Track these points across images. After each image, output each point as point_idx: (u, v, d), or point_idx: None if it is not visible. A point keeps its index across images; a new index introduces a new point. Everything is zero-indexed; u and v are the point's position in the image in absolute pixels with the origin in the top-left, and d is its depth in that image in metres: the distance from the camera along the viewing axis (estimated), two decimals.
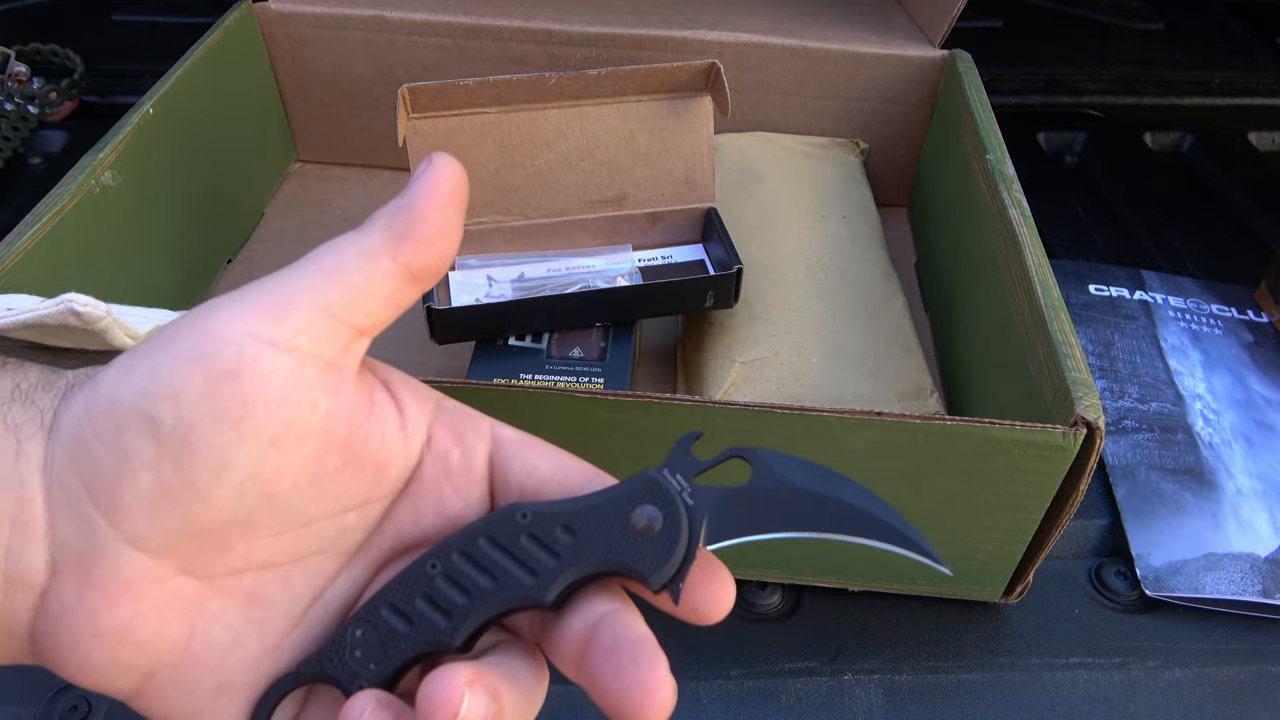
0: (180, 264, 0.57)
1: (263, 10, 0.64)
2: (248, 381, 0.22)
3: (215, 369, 0.22)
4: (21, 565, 0.22)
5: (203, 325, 0.23)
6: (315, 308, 0.24)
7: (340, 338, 0.24)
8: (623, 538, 0.24)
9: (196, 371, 0.22)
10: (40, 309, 0.35)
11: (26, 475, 0.22)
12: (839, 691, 0.41)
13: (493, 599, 0.24)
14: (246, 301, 0.23)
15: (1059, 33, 0.97)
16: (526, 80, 0.50)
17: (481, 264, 0.53)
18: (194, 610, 0.24)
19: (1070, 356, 0.38)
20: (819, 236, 0.57)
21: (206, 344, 0.22)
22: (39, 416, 0.23)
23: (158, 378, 0.22)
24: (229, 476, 0.22)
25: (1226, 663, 0.43)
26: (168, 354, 0.22)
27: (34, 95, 0.74)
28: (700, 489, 0.25)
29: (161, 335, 0.23)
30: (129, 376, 0.23)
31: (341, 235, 0.26)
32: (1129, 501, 0.49)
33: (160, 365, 0.22)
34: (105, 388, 0.23)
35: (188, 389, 0.22)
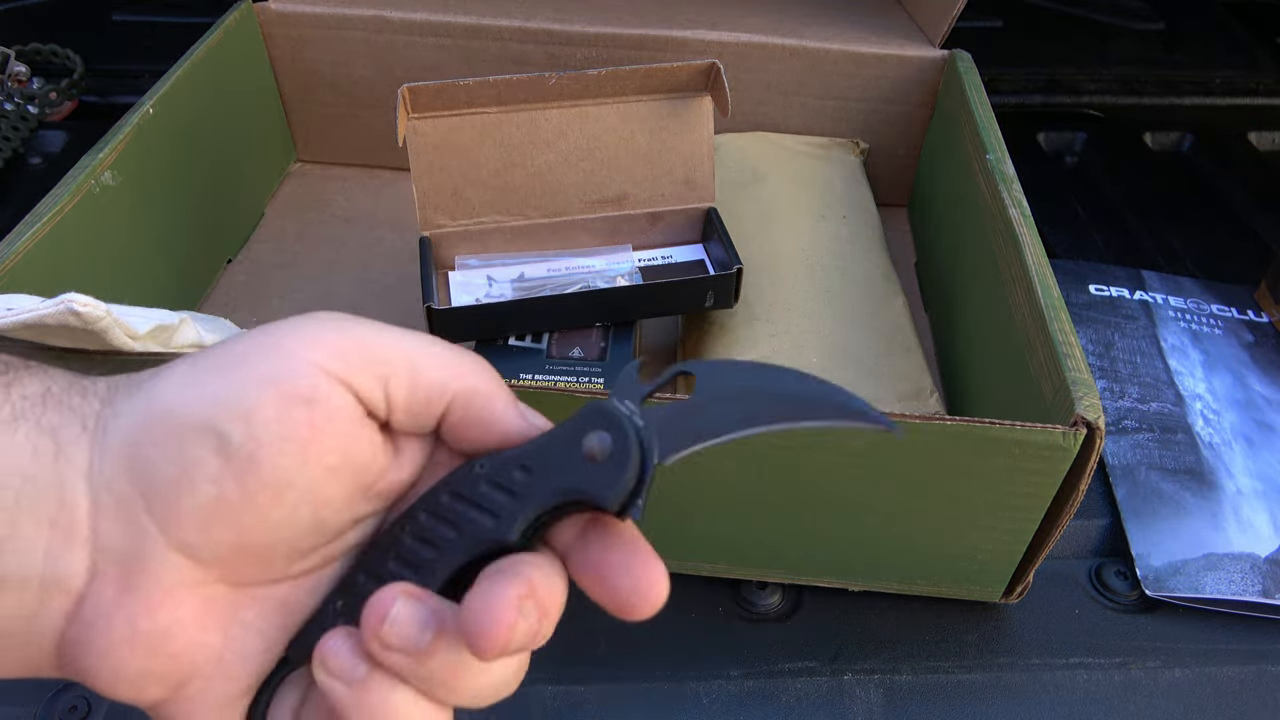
0: (180, 264, 0.57)
1: (263, 10, 0.64)
2: (319, 410, 0.23)
3: (290, 393, 0.23)
4: (60, 569, 0.22)
5: (283, 348, 0.23)
6: (399, 361, 0.24)
7: (409, 392, 0.25)
8: (576, 466, 0.24)
9: (270, 392, 0.22)
10: (40, 309, 0.35)
11: (68, 478, 0.22)
12: (839, 691, 0.41)
13: (459, 547, 0.24)
14: (327, 333, 0.24)
15: (1059, 33, 0.97)
16: (526, 80, 0.50)
17: (481, 264, 0.53)
18: (229, 618, 0.24)
19: (1070, 356, 0.38)
20: (819, 236, 0.57)
21: (285, 367, 0.23)
22: (79, 420, 0.23)
23: (231, 395, 0.22)
24: (288, 497, 0.23)
25: (1226, 663, 0.43)
26: (242, 372, 0.23)
27: (34, 95, 0.74)
28: (649, 410, 0.25)
29: (232, 352, 0.24)
30: (198, 389, 0.23)
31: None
32: (1129, 501, 0.49)
33: (234, 383, 0.23)
34: (168, 398, 0.23)
35: (260, 409, 0.22)
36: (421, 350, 0.25)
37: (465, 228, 0.53)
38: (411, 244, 0.63)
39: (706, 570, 0.44)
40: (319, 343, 0.24)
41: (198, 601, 0.23)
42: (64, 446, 0.23)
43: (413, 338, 0.25)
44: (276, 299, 0.60)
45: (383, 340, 0.25)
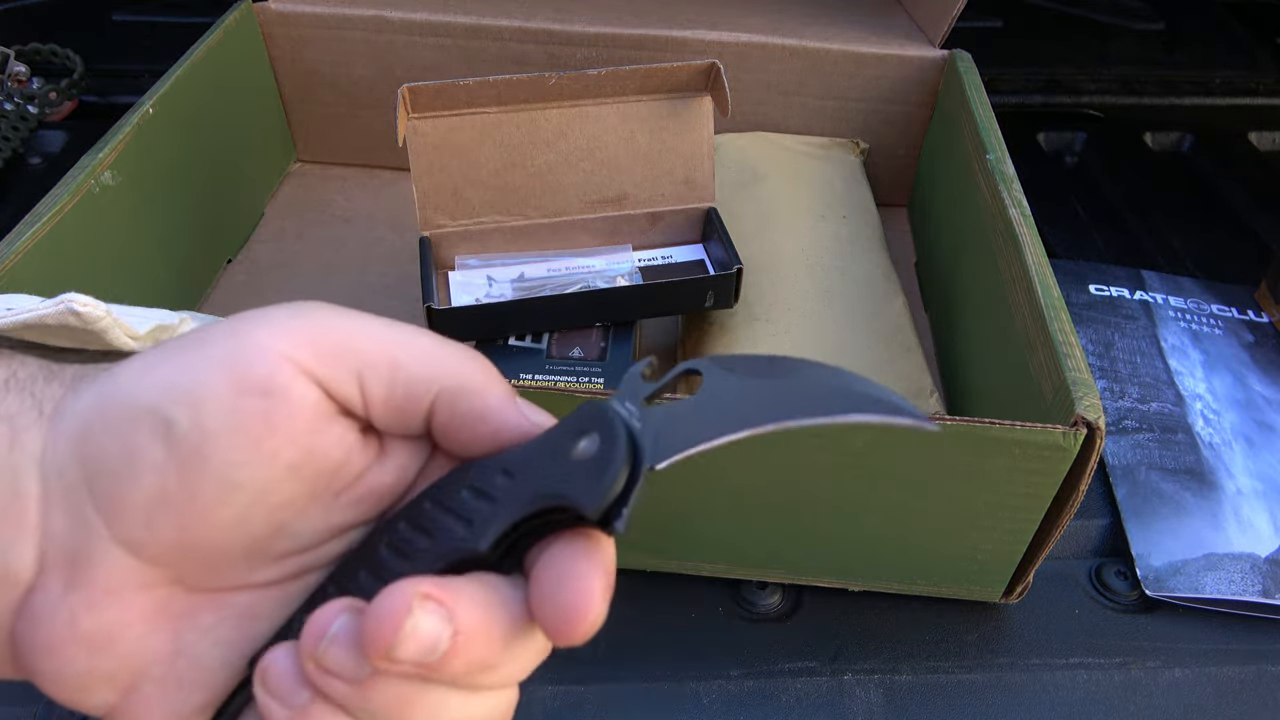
0: (180, 264, 0.57)
1: (263, 10, 0.64)
2: (277, 402, 0.21)
3: (244, 382, 0.21)
4: (9, 560, 0.21)
5: (241, 334, 0.22)
6: (380, 352, 0.23)
7: (388, 384, 0.23)
8: (558, 469, 0.22)
9: (223, 379, 0.21)
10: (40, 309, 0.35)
11: (21, 465, 0.21)
12: (839, 691, 0.41)
13: (429, 556, 0.22)
14: (297, 322, 0.22)
15: (1059, 33, 0.97)
16: (526, 80, 0.50)
17: (481, 264, 0.53)
18: (183, 623, 0.22)
19: (1070, 356, 0.38)
20: (819, 236, 0.57)
21: (241, 354, 0.21)
22: (37, 406, 0.22)
23: (181, 378, 0.21)
24: (235, 498, 0.21)
25: (1226, 663, 0.43)
26: (197, 356, 0.21)
27: (34, 95, 0.74)
28: (650, 410, 0.23)
29: (194, 335, 0.22)
30: (151, 372, 0.21)
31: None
32: (1129, 501, 0.49)
33: (186, 365, 0.21)
34: (123, 381, 0.22)
35: (211, 396, 0.21)
36: (403, 343, 0.23)
37: (465, 228, 0.53)
38: (411, 244, 0.63)
39: (706, 570, 0.44)
40: (287, 331, 0.22)
41: (147, 602, 0.22)
42: (19, 433, 0.21)
43: (396, 329, 0.23)
44: (276, 299, 0.60)
45: (360, 331, 0.23)
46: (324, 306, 0.23)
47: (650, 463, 0.22)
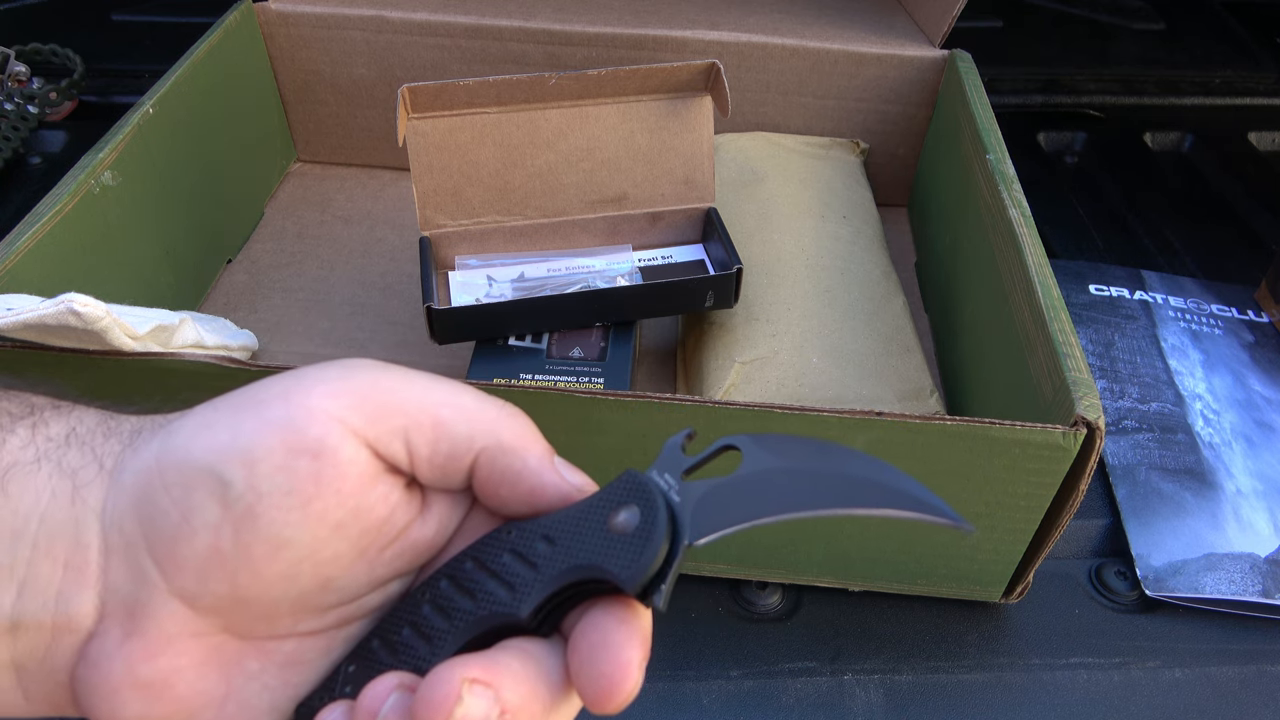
0: (180, 264, 0.57)
1: (263, 10, 0.64)
2: (326, 464, 0.22)
3: (296, 444, 0.22)
4: (71, 609, 0.22)
5: (295, 396, 0.23)
6: (423, 411, 0.23)
7: (432, 446, 0.24)
8: (599, 540, 0.22)
9: (277, 441, 0.22)
10: (40, 309, 0.35)
11: (83, 519, 0.22)
12: (839, 691, 0.41)
13: (471, 619, 0.23)
14: (348, 383, 0.23)
15: (1059, 33, 0.97)
16: (526, 80, 0.50)
17: (481, 264, 0.53)
18: (233, 668, 0.23)
19: (1070, 356, 0.38)
20: (819, 236, 0.57)
21: (294, 417, 0.22)
22: (98, 461, 0.23)
23: (237, 439, 0.22)
24: (285, 554, 0.22)
25: (1226, 663, 0.43)
26: (252, 418, 0.22)
27: (34, 95, 0.74)
28: (689, 484, 0.23)
29: (251, 394, 0.23)
30: (208, 432, 0.22)
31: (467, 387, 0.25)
32: (1129, 501, 0.49)
33: (242, 427, 0.22)
34: (181, 439, 0.23)
35: (264, 458, 0.22)
36: (447, 401, 0.24)
37: (465, 228, 0.53)
38: (411, 244, 0.64)
39: (706, 570, 0.44)
40: (338, 392, 0.23)
41: (199, 649, 0.23)
42: (80, 488, 0.22)
43: (440, 386, 0.24)
44: (276, 299, 0.60)
45: (406, 390, 0.23)
46: (372, 365, 0.24)
47: (689, 539, 0.22)
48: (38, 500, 0.22)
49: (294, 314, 0.59)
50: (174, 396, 0.39)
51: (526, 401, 0.37)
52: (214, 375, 0.38)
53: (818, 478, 0.23)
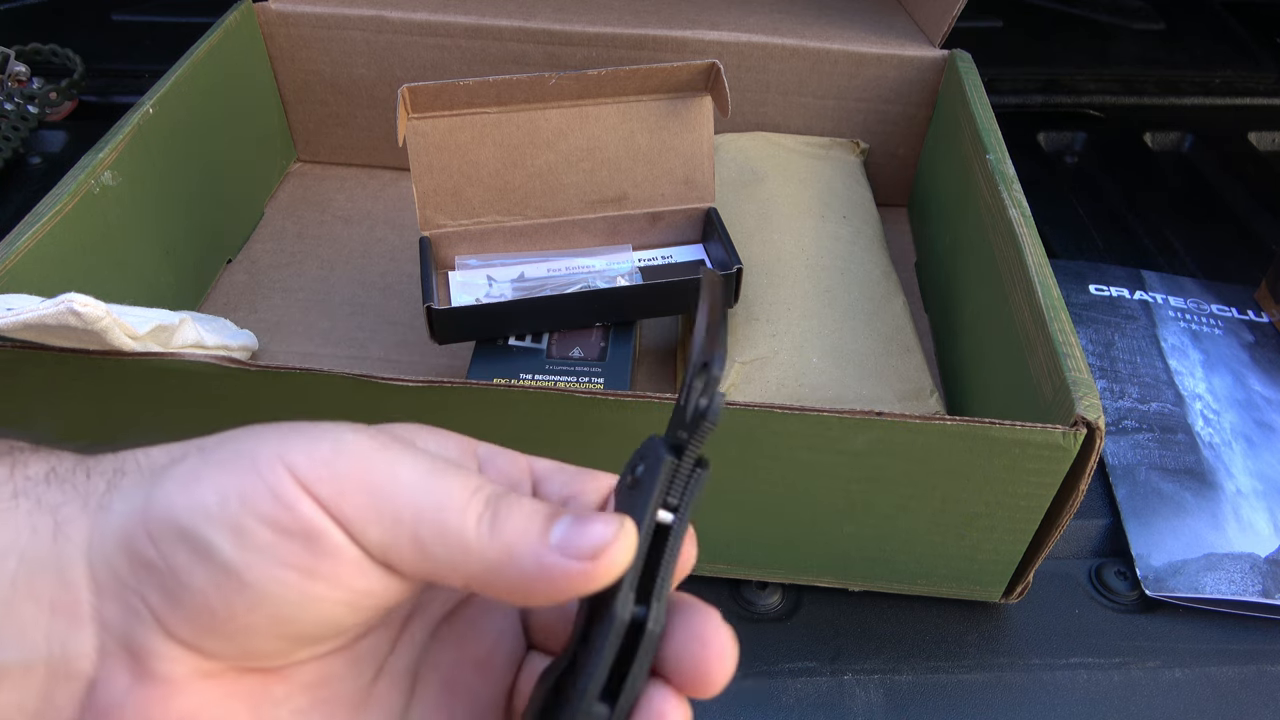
0: (180, 264, 0.57)
1: (263, 10, 0.64)
2: (319, 553, 0.21)
3: (286, 524, 0.21)
4: (68, 652, 0.21)
5: (280, 467, 0.21)
6: (404, 530, 0.22)
7: (414, 565, 0.23)
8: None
9: (266, 511, 0.21)
10: (40, 309, 0.35)
11: (67, 555, 0.21)
12: (839, 691, 0.41)
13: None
14: (335, 467, 0.22)
15: (1059, 33, 0.97)
16: (526, 80, 0.50)
17: (481, 264, 0.53)
18: (258, 698, 0.23)
19: (1070, 356, 0.38)
20: (819, 236, 0.57)
21: (283, 491, 0.21)
22: (80, 497, 0.22)
23: (225, 504, 0.21)
24: (280, 612, 0.21)
25: (1226, 663, 0.43)
26: (240, 480, 0.21)
27: (34, 95, 0.74)
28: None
29: (239, 449, 0.22)
30: (195, 487, 0.21)
31: (460, 475, 0.23)
32: (1129, 501, 0.49)
33: (228, 489, 0.21)
34: (168, 490, 0.21)
35: (253, 529, 0.21)
36: (430, 516, 0.22)
37: (465, 228, 0.53)
38: (411, 244, 0.64)
39: (706, 570, 0.44)
40: (330, 478, 0.21)
41: (217, 689, 0.22)
42: (63, 524, 0.21)
43: (428, 491, 0.22)
44: (276, 299, 0.60)
45: (401, 492, 0.22)
46: (361, 445, 0.22)
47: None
48: (16, 537, 0.21)
49: (294, 314, 0.59)
50: (160, 413, 0.39)
51: (527, 401, 0.37)
52: (214, 375, 0.38)
53: None
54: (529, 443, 0.39)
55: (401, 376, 0.37)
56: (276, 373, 0.37)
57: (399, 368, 0.55)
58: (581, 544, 0.22)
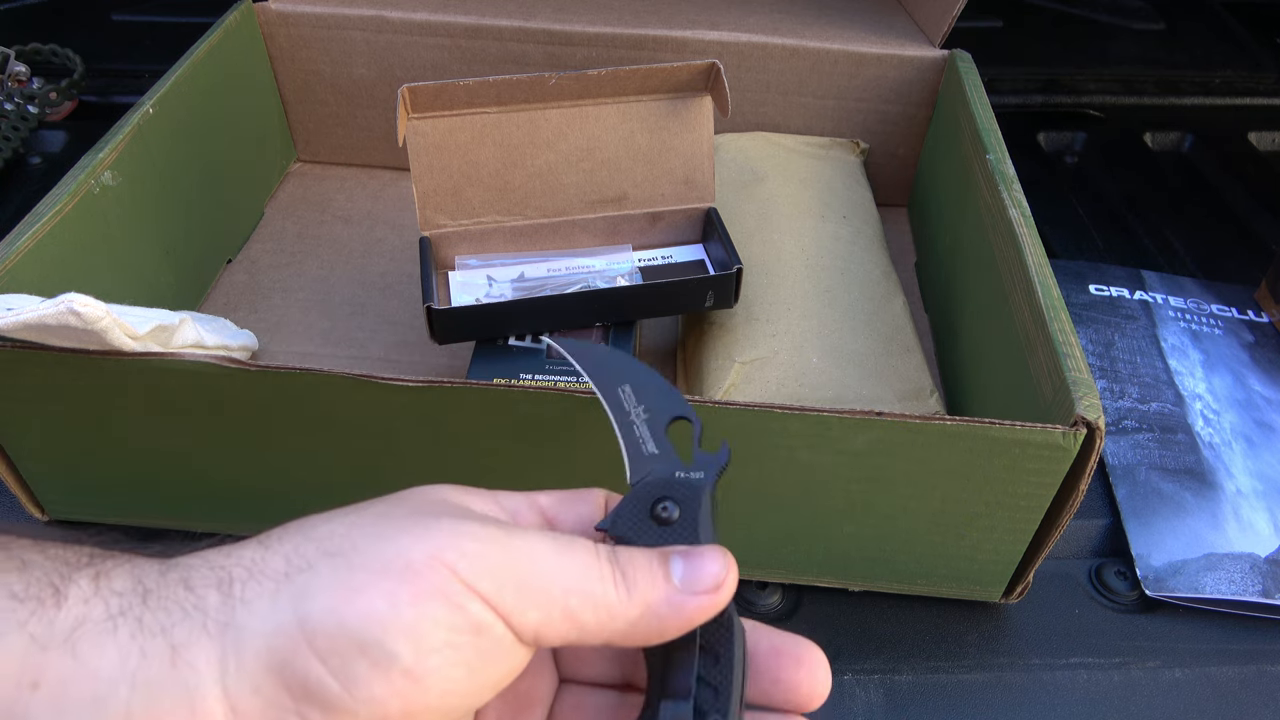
0: (180, 264, 0.57)
1: (263, 10, 0.64)
2: (487, 641, 0.22)
3: (458, 621, 0.22)
4: None
5: (441, 570, 0.22)
6: (557, 607, 0.24)
7: (564, 636, 0.24)
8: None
9: (442, 615, 0.22)
10: (40, 309, 0.35)
11: (194, 683, 0.20)
12: (839, 691, 0.41)
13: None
14: (486, 560, 0.23)
15: (1059, 33, 0.97)
16: (526, 80, 0.50)
17: (481, 264, 0.53)
18: None
19: (1070, 356, 0.38)
20: (819, 236, 0.57)
21: (451, 590, 0.22)
22: (192, 617, 0.21)
23: (399, 611, 0.21)
24: (451, 702, 0.22)
25: (1226, 663, 0.43)
26: (408, 586, 0.22)
27: (34, 95, 0.74)
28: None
29: (386, 546, 0.23)
30: (361, 598, 0.21)
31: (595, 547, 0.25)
32: (1129, 501, 0.49)
33: (402, 597, 0.22)
34: (326, 603, 0.21)
35: (430, 632, 0.22)
36: (578, 589, 0.24)
37: (465, 228, 0.53)
38: (411, 244, 0.64)
39: None
40: (487, 572, 0.23)
41: None
42: (181, 649, 0.20)
43: (567, 565, 0.24)
44: (276, 299, 0.60)
45: (539, 572, 0.24)
46: (500, 534, 0.24)
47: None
48: (123, 663, 0.20)
49: (294, 314, 0.59)
50: (160, 413, 0.39)
51: (527, 401, 0.37)
52: (214, 375, 0.38)
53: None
54: (529, 442, 0.39)
55: (401, 376, 0.37)
56: (276, 373, 0.37)
57: (399, 368, 0.55)
58: (703, 579, 0.25)
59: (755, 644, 0.27)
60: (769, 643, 0.27)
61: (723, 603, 0.25)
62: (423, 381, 0.37)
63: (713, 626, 0.26)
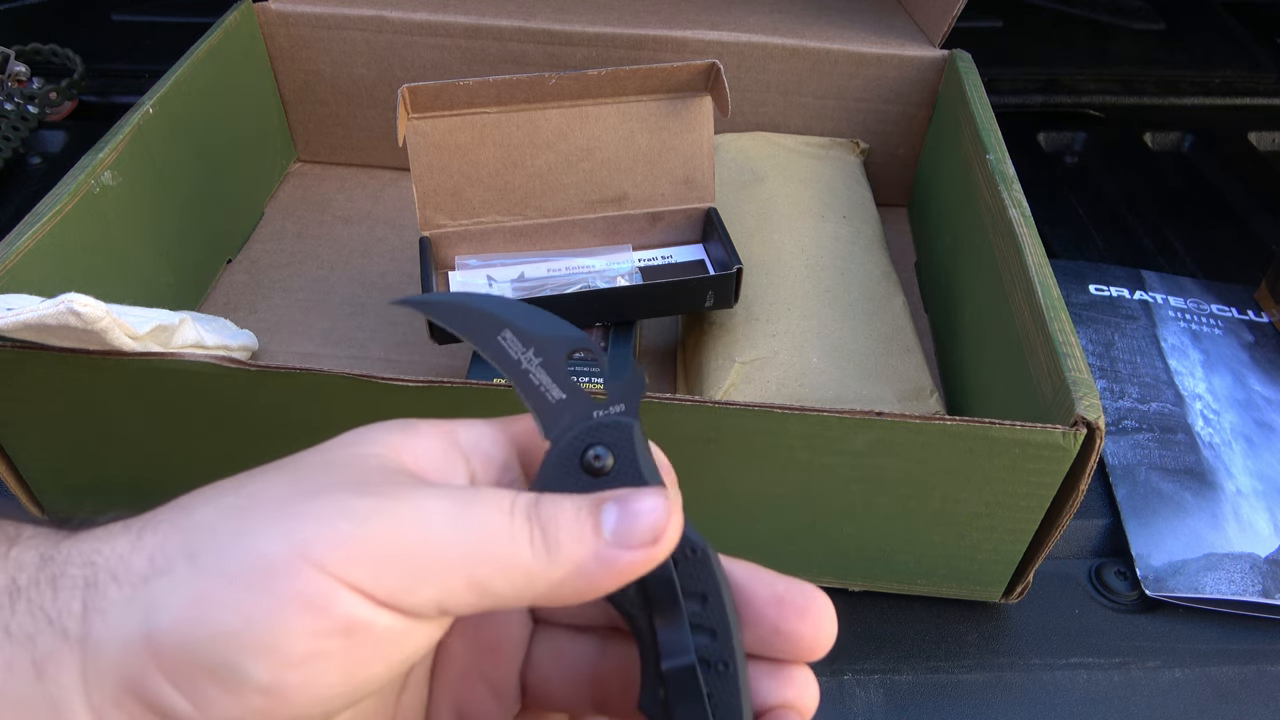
0: (180, 264, 0.57)
1: (263, 10, 0.64)
2: (362, 639, 0.20)
3: (321, 624, 0.19)
4: None
5: (304, 567, 0.19)
6: (458, 578, 0.20)
7: (475, 606, 0.21)
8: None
9: (298, 624, 0.19)
10: (40, 309, 0.35)
11: (60, 699, 0.19)
12: (839, 691, 0.41)
13: None
14: (363, 543, 0.20)
15: (1059, 33, 0.97)
16: (526, 80, 0.50)
17: (481, 264, 0.53)
18: None
19: (1070, 356, 0.38)
20: (819, 236, 0.57)
21: (311, 592, 0.19)
22: (53, 625, 0.19)
23: (251, 626, 0.19)
24: (325, 702, 0.20)
25: (1226, 663, 0.43)
26: (259, 594, 0.19)
27: (34, 95, 0.74)
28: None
29: (245, 543, 0.20)
30: (208, 612, 0.19)
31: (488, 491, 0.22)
32: (1129, 501, 0.49)
33: (248, 609, 0.19)
34: (172, 618, 0.19)
35: (288, 643, 0.19)
36: (483, 555, 0.21)
37: (465, 228, 0.53)
38: (411, 244, 0.64)
39: None
40: (353, 557, 0.20)
41: None
42: (44, 663, 0.19)
43: (473, 529, 0.21)
44: (276, 299, 0.60)
45: (428, 544, 0.20)
46: (386, 505, 0.21)
47: None
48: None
49: (294, 314, 0.59)
50: (160, 413, 0.39)
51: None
52: (214, 375, 0.38)
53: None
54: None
55: (401, 376, 0.37)
56: (276, 373, 0.37)
57: (399, 368, 0.55)
58: (638, 530, 0.22)
59: (754, 589, 0.24)
60: (771, 590, 0.24)
61: (662, 555, 0.22)
62: (423, 381, 0.37)
63: (689, 566, 0.24)
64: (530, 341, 0.25)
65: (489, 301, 0.26)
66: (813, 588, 0.24)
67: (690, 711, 0.23)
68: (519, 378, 0.25)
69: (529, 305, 0.26)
